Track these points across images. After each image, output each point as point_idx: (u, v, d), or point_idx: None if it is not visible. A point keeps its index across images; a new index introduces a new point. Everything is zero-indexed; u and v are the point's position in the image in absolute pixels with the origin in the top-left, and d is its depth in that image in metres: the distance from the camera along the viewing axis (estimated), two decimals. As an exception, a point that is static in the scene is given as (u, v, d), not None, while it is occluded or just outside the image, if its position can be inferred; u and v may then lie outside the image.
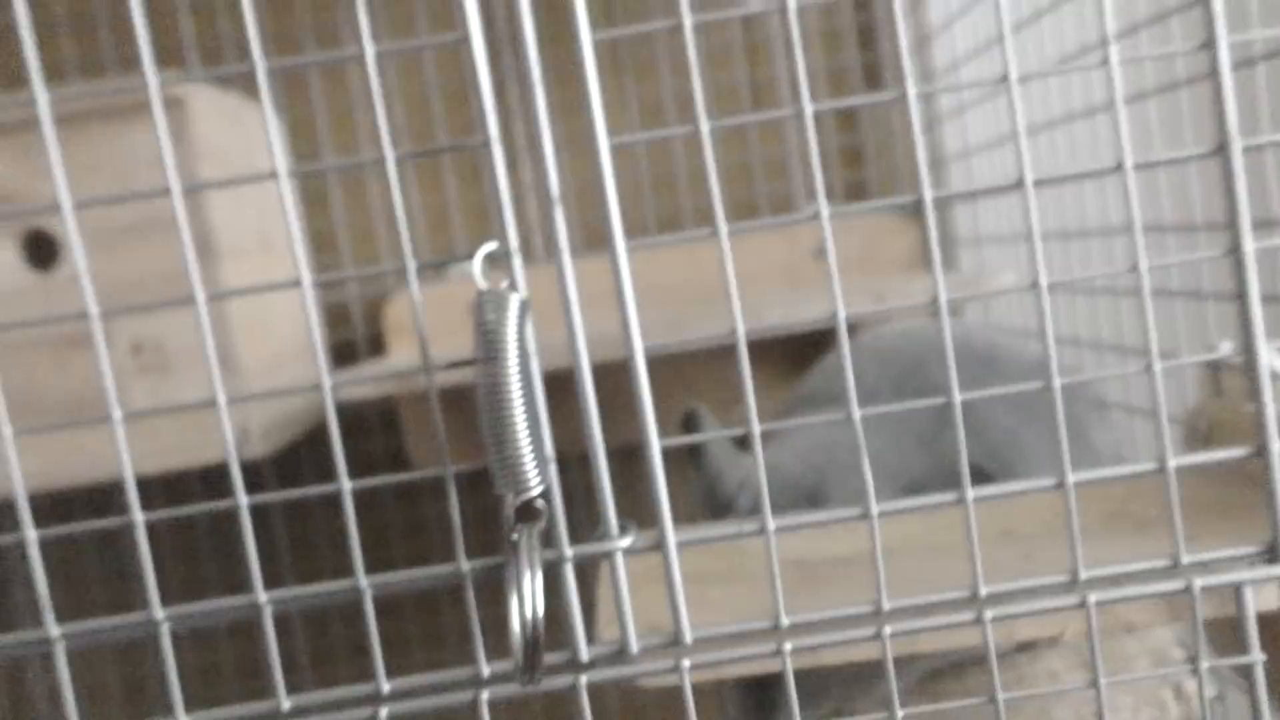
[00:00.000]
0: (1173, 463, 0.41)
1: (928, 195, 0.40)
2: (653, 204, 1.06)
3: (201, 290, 0.39)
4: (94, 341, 0.39)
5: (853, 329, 0.96)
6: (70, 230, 0.39)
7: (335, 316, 1.07)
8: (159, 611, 0.39)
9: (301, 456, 1.07)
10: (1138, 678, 0.48)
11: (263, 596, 0.40)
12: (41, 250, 0.82)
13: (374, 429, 1.07)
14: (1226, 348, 0.54)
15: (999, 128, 0.90)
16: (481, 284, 0.38)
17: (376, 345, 1.07)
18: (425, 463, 1.02)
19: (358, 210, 1.07)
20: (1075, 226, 0.85)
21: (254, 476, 1.05)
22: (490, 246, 0.39)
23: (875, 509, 0.40)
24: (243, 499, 0.40)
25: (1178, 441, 0.60)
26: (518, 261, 0.39)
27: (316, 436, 1.05)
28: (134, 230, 0.80)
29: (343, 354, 1.06)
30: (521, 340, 0.38)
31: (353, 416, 1.06)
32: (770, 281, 1.05)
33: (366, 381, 0.45)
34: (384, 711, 0.40)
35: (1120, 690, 0.59)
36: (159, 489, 1.02)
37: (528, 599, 0.36)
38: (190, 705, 0.40)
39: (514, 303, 0.38)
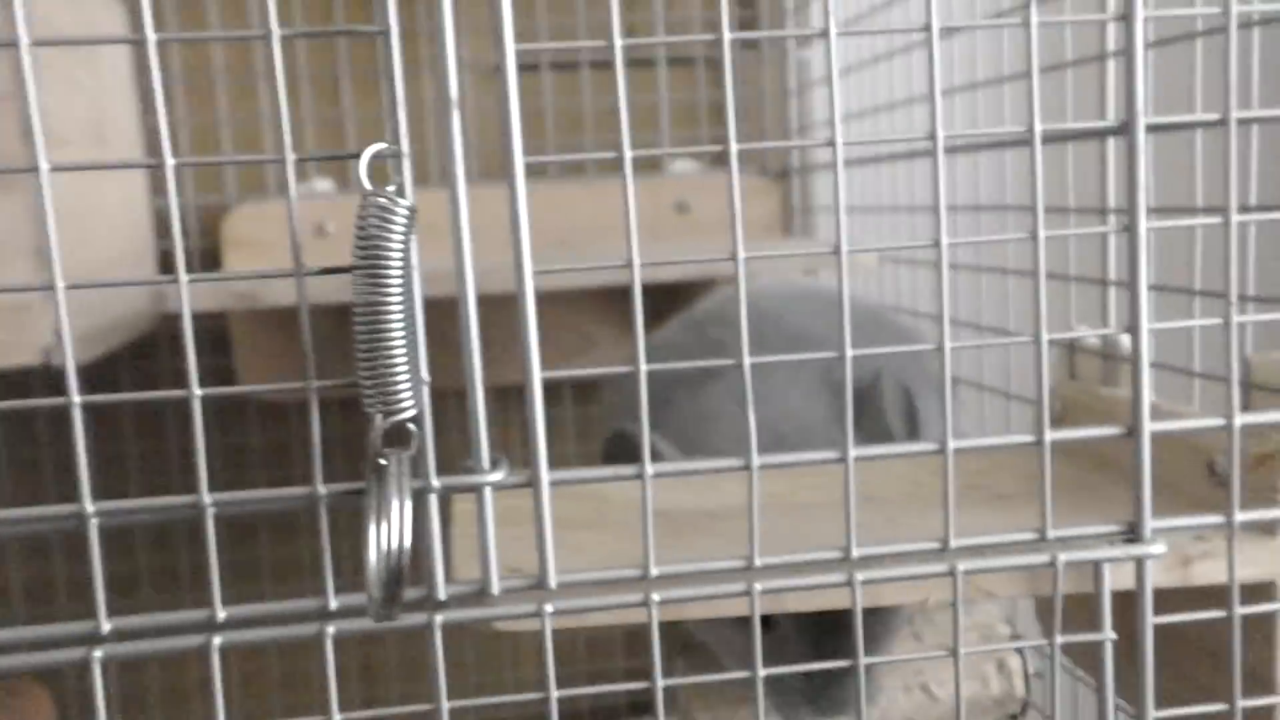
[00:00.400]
0: (1049, 436, 0.41)
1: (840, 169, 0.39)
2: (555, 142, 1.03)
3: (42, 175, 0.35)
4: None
5: (711, 284, 0.95)
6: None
7: (165, 224, 1.00)
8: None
9: (120, 368, 1.00)
10: (991, 649, 0.48)
11: (90, 507, 0.36)
12: None
13: (201, 346, 1.01)
14: (1085, 330, 0.55)
15: (870, 98, 0.90)
16: (366, 186, 0.35)
17: (209, 259, 1.01)
18: (253, 382, 0.96)
19: (202, 110, 1.01)
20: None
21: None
22: (378, 146, 0.36)
23: (755, 462, 0.39)
24: (77, 399, 0.36)
25: (1029, 421, 0.61)
26: (407, 166, 0.36)
27: (137, 349, 0.99)
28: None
29: (169, 265, 1.00)
30: (406, 253, 0.35)
31: (176, 332, 1.00)
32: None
33: (225, 280, 0.41)
34: (217, 639, 0.37)
35: (942, 662, 0.60)
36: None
37: (394, 527, 0.34)
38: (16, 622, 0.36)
39: (401, 210, 0.35)
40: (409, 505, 0.34)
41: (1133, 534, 0.41)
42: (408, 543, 0.34)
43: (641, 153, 0.38)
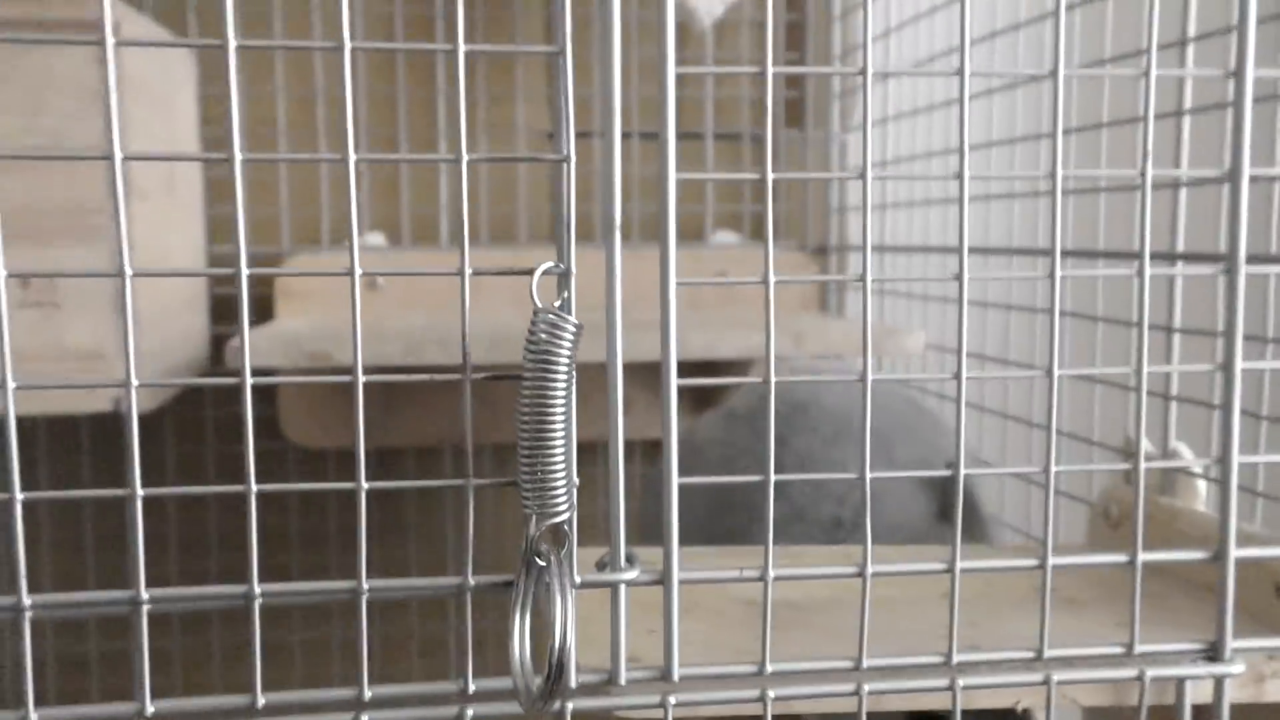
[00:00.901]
0: (1142, 557, 0.43)
1: (869, 280, 0.41)
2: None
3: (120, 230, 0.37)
4: None
5: (748, 362, 0.98)
6: None
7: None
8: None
9: (165, 413, 1.02)
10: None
11: (145, 594, 0.38)
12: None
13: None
14: (1185, 452, 0.58)
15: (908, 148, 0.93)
16: (536, 300, 0.38)
17: (260, 308, 1.03)
18: (297, 438, 0.98)
19: (261, 167, 1.03)
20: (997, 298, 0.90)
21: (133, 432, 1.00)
22: (548, 265, 0.38)
23: (870, 570, 0.41)
24: (138, 486, 0.38)
25: (1086, 523, 0.64)
26: (573, 284, 0.39)
27: (182, 396, 1.01)
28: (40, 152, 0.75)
29: (222, 312, 1.02)
30: (571, 365, 0.38)
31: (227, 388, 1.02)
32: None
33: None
34: (366, 717, 0.39)
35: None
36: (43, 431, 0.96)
37: (559, 626, 0.36)
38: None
39: (569, 326, 0.38)
40: (572, 607, 0.36)
41: (1214, 653, 0.44)
42: (571, 642, 0.36)
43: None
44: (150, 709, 0.38)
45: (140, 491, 0.37)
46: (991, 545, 0.67)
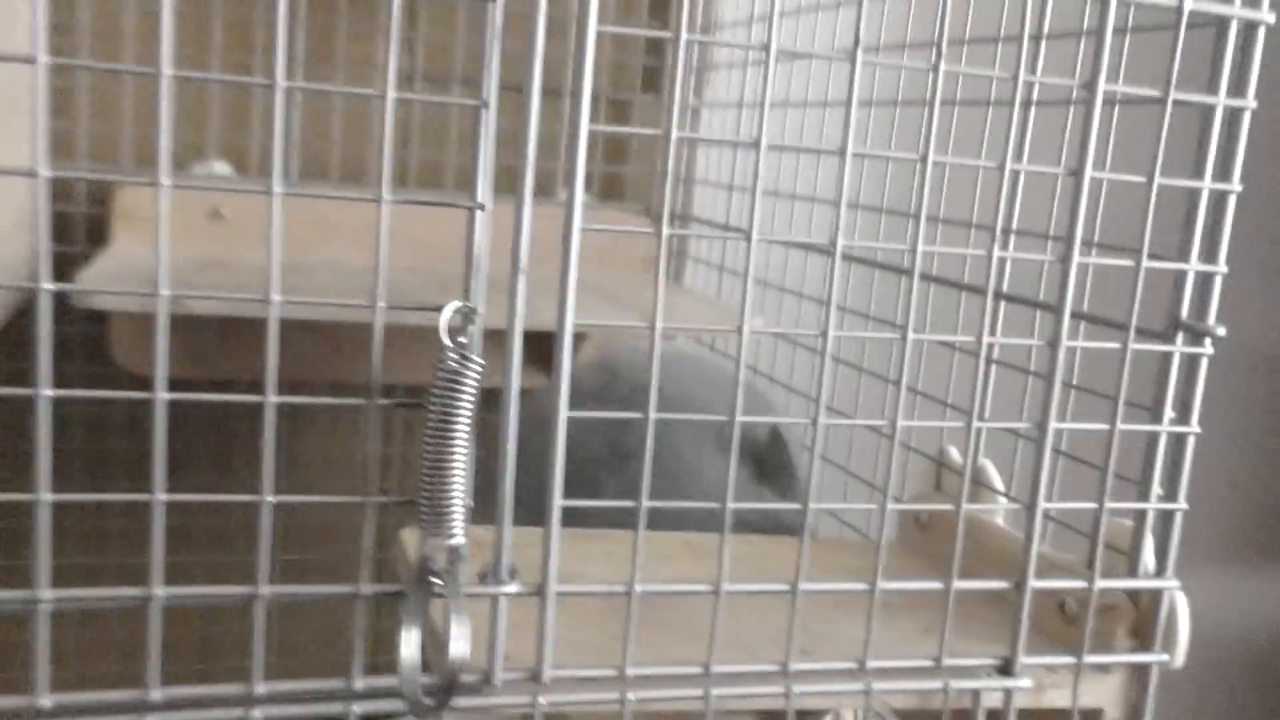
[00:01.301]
0: (955, 585, 0.49)
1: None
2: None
3: None
4: None
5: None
6: None
7: (59, 190, 0.99)
8: None
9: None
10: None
11: (161, 591, 0.40)
12: None
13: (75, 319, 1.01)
14: (990, 469, 0.64)
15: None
16: (445, 338, 0.40)
17: (96, 229, 1.00)
18: (134, 368, 0.97)
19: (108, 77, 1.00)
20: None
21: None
22: (456, 304, 0.41)
23: (725, 587, 0.46)
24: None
25: (897, 525, 0.71)
26: (479, 324, 0.42)
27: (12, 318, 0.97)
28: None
29: (59, 231, 0.99)
30: (475, 402, 0.41)
31: (58, 309, 0.99)
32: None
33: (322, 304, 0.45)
34: (258, 713, 0.41)
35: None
36: None
37: (455, 641, 0.39)
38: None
39: (474, 367, 0.40)
40: (466, 623, 0.40)
41: (1007, 668, 0.51)
42: (466, 655, 0.39)
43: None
44: (46, 703, 0.39)
45: None
46: (799, 492, 0.73)
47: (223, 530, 1.07)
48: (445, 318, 0.40)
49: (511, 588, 0.44)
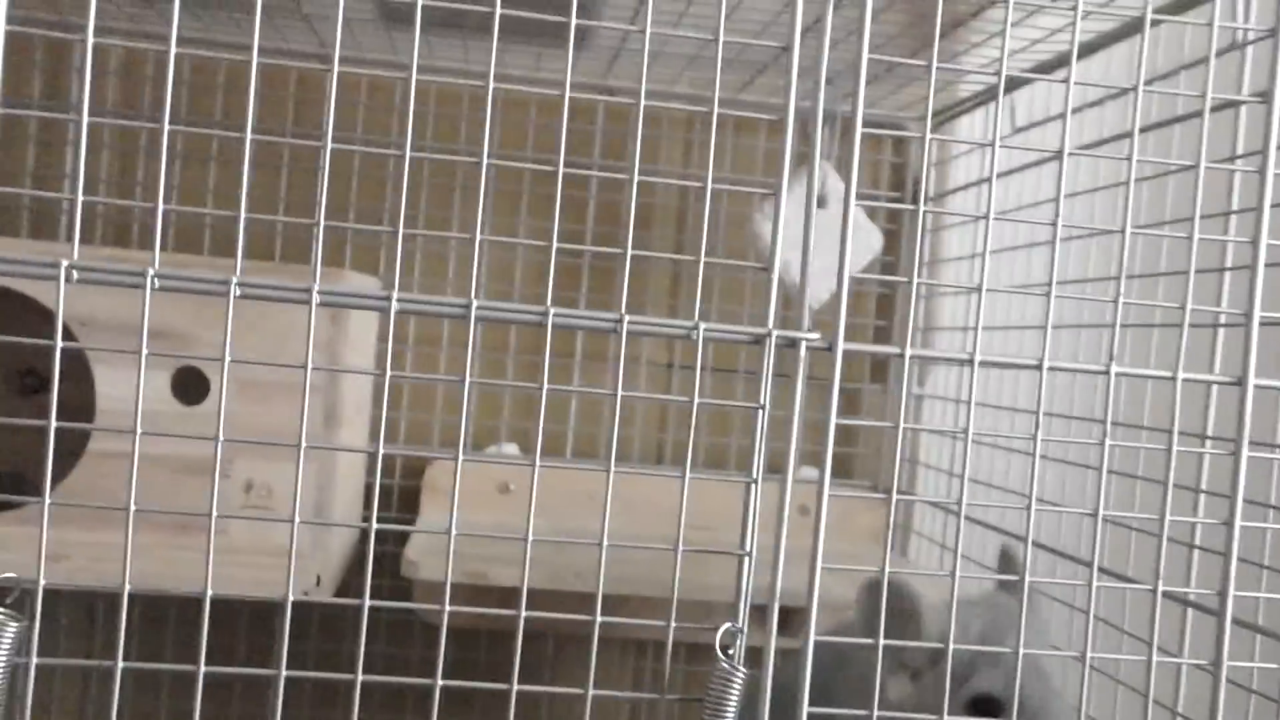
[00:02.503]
0: None
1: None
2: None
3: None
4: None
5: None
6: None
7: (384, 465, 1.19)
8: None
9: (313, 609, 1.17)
10: None
11: None
12: (189, 387, 0.93)
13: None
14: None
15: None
16: (720, 655, 0.54)
17: (406, 497, 1.19)
18: (431, 619, 1.14)
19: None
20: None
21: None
22: (728, 625, 0.55)
23: None
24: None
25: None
26: (742, 640, 0.55)
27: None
28: (280, 386, 0.91)
29: (381, 499, 1.19)
30: (740, 700, 0.54)
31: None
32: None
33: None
34: None
35: None
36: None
37: None
38: None
39: (739, 677, 0.54)
40: None
41: None
42: None
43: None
44: None
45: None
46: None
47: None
48: (719, 637, 0.54)
49: None
